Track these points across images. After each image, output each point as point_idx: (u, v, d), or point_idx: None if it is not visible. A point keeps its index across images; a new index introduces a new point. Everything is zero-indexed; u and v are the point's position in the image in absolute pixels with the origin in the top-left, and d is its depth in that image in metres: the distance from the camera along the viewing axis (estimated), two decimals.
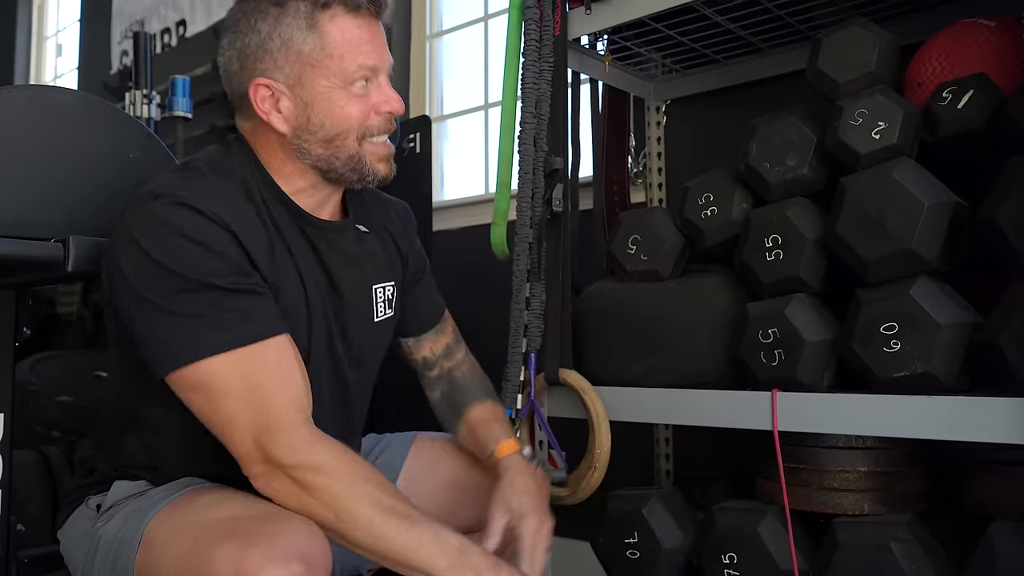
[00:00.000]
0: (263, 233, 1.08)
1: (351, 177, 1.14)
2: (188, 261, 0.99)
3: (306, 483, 0.97)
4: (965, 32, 1.33)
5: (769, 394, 1.26)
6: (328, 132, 1.11)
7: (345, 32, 1.09)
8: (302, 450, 0.98)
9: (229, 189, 1.08)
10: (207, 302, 0.99)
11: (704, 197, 1.45)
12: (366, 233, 1.26)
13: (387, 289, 1.28)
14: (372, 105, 1.12)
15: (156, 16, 3.95)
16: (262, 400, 0.99)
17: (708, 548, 1.33)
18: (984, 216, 1.14)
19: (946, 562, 1.16)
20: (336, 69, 1.09)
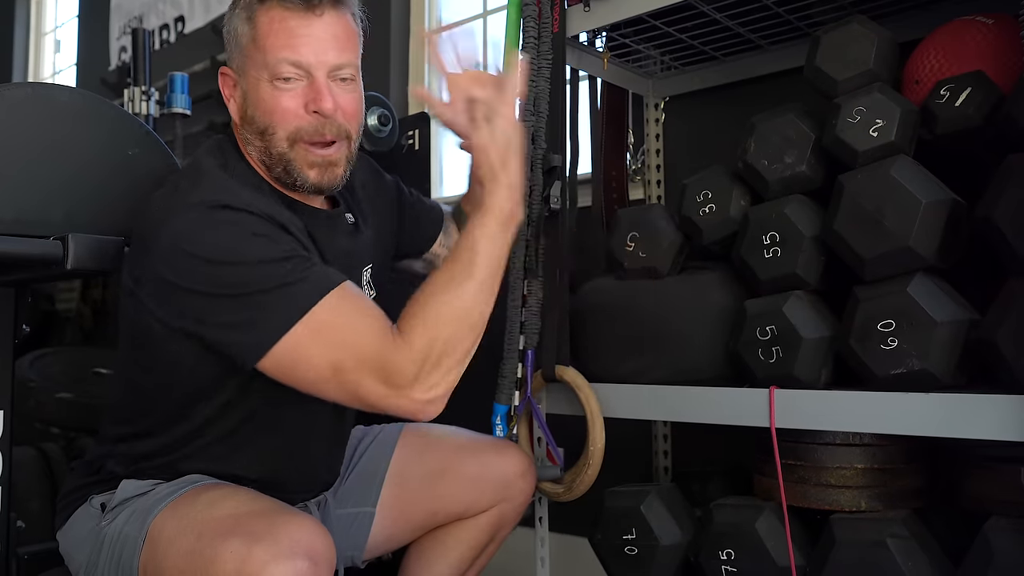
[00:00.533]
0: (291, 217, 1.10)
1: (285, 179, 1.13)
2: (256, 250, 1.01)
3: (437, 358, 1.01)
4: (963, 29, 1.33)
5: (767, 391, 1.26)
6: (259, 124, 1.12)
7: (273, 24, 1.09)
8: (410, 354, 1.00)
9: (247, 187, 1.10)
10: (286, 271, 1.00)
11: (702, 194, 1.45)
12: (353, 223, 1.27)
13: (367, 272, 1.29)
14: (301, 102, 1.10)
15: (154, 12, 3.95)
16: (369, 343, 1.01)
17: (706, 544, 1.33)
18: (981, 213, 1.14)
19: (942, 558, 1.16)
20: (261, 61, 1.10)
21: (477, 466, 1.35)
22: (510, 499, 1.37)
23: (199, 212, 1.02)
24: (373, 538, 1.32)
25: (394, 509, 1.32)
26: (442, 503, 1.33)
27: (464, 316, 1.04)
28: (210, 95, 3.34)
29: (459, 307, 1.03)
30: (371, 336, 1.01)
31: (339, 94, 1.11)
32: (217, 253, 1.00)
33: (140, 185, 1.32)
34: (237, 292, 1.00)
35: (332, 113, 1.10)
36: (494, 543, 1.39)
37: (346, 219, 1.25)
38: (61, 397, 2.39)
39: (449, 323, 1.02)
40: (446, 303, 1.03)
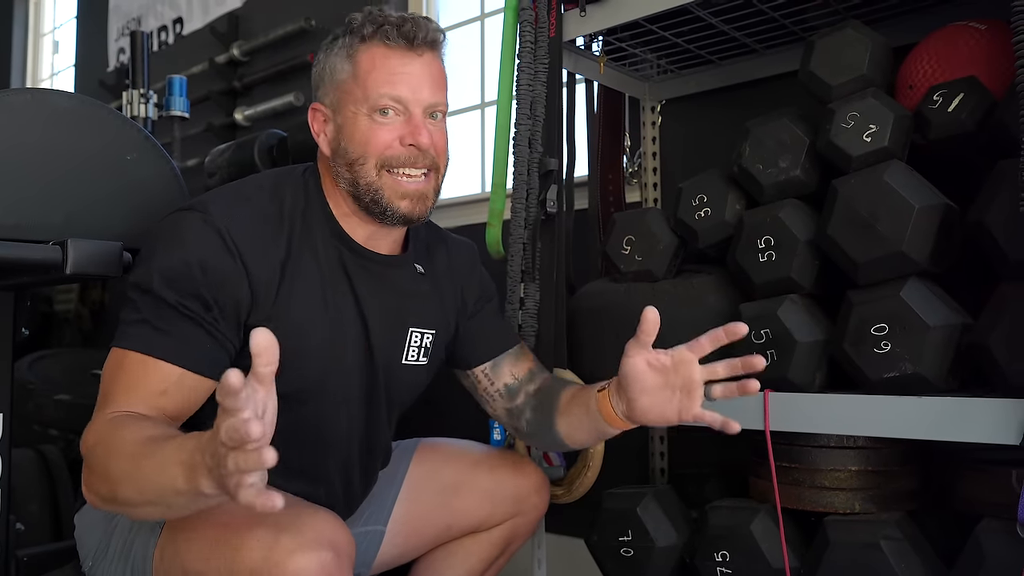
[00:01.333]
0: (278, 263, 1.10)
1: (374, 209, 1.15)
2: (163, 270, 1.04)
3: (90, 463, 0.95)
4: (956, 35, 1.34)
5: (761, 394, 1.27)
6: (350, 156, 1.14)
7: (375, 61, 1.12)
8: (92, 432, 0.96)
9: (267, 213, 1.12)
10: (153, 308, 1.03)
11: (698, 198, 1.46)
12: (422, 275, 1.26)
13: (426, 336, 1.27)
14: (397, 135, 1.12)
15: (153, 13, 3.95)
16: (104, 402, 1.01)
17: (701, 546, 1.34)
18: (974, 218, 1.15)
19: (935, 560, 1.17)
20: (361, 95, 1.12)
21: (492, 481, 1.36)
22: (524, 514, 1.38)
23: (185, 214, 1.08)
24: (383, 555, 1.33)
25: (407, 525, 1.33)
26: (456, 518, 1.34)
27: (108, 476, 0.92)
28: (208, 97, 3.36)
29: (114, 466, 0.91)
30: (118, 396, 1.00)
31: (432, 130, 1.15)
32: (154, 247, 1.06)
33: (138, 190, 1.33)
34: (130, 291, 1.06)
35: (427, 147, 1.13)
36: (504, 556, 1.40)
37: (414, 267, 1.26)
38: (60, 399, 2.40)
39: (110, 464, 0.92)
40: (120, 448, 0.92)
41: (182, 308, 1.03)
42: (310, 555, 0.91)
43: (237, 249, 1.06)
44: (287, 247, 1.11)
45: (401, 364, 1.25)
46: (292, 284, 1.11)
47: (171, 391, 1.02)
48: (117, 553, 1.09)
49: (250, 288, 1.07)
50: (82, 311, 3.49)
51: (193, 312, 1.03)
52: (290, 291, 1.10)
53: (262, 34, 3.23)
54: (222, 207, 1.08)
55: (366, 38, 1.13)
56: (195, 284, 1.03)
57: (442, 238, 1.36)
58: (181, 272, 1.03)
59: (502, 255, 1.60)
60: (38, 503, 1.95)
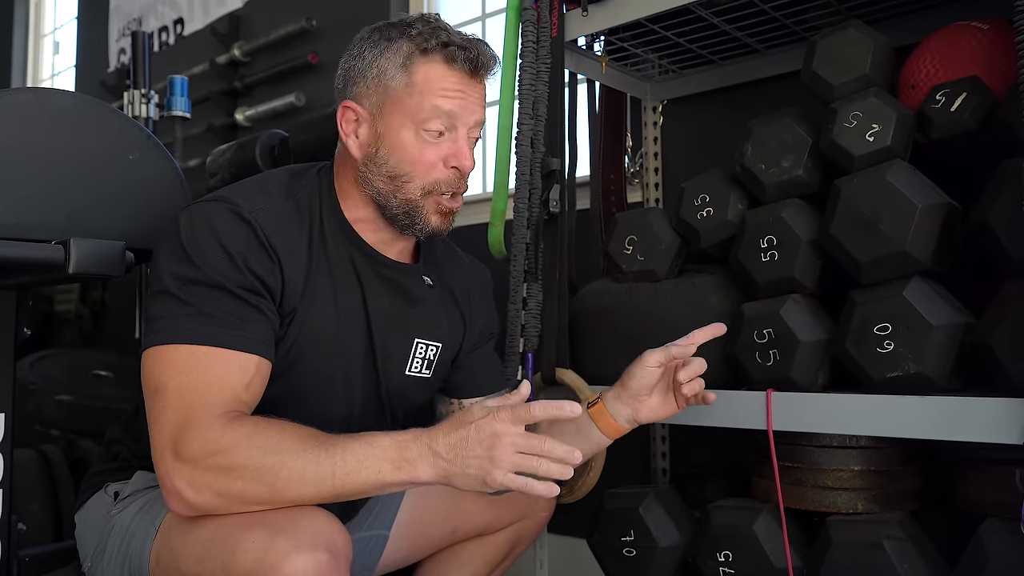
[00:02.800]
0: (304, 259, 1.10)
1: (403, 220, 1.15)
2: (213, 259, 1.02)
3: (225, 467, 0.93)
4: (958, 35, 1.34)
5: (764, 394, 1.27)
6: (392, 169, 1.13)
7: (431, 75, 1.11)
8: (213, 439, 0.94)
9: (290, 211, 1.11)
10: (205, 298, 1.01)
11: (700, 198, 1.46)
12: (431, 287, 1.26)
13: (430, 348, 1.26)
14: (442, 156, 1.12)
15: (154, 14, 3.95)
16: (193, 403, 0.97)
17: (703, 546, 1.34)
18: (977, 218, 1.15)
19: (938, 560, 1.17)
20: (412, 107, 1.11)
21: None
22: (529, 517, 1.37)
23: (213, 204, 1.07)
24: (387, 558, 1.31)
25: (411, 528, 1.32)
26: (462, 522, 1.33)
27: (275, 474, 0.93)
28: (209, 97, 3.36)
29: (281, 464, 0.93)
30: (207, 395, 0.97)
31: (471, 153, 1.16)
32: (186, 238, 1.04)
33: (140, 189, 1.33)
34: (168, 283, 1.02)
35: (469, 171, 1.15)
36: (509, 559, 1.39)
37: (422, 279, 1.25)
38: (61, 399, 2.40)
39: (262, 460, 0.93)
40: (280, 446, 0.94)
41: (238, 294, 1.02)
42: (306, 556, 0.90)
43: (270, 243, 1.06)
44: (308, 244, 1.12)
45: (405, 374, 1.24)
46: (314, 281, 1.11)
47: (254, 382, 1.02)
48: (115, 553, 1.09)
49: (283, 283, 1.07)
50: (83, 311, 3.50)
51: (247, 296, 1.03)
52: (313, 288, 1.11)
53: (263, 34, 3.23)
54: (248, 200, 1.08)
55: (428, 51, 1.10)
56: (240, 272, 1.03)
57: (459, 258, 1.36)
58: (223, 261, 1.02)
59: (504, 255, 1.60)
60: (39, 503, 1.95)
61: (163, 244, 1.07)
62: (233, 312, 1.02)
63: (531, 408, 0.94)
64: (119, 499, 1.13)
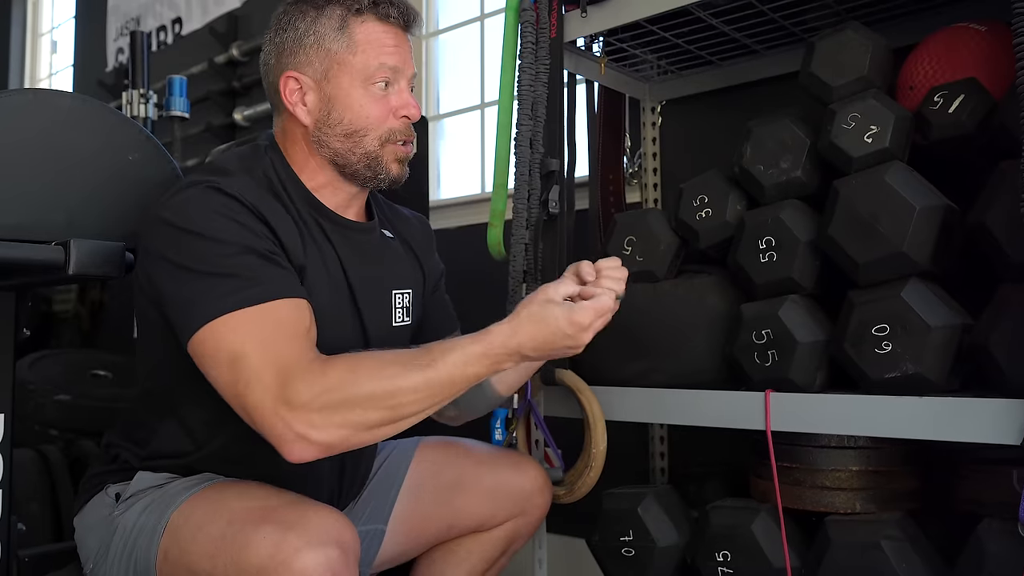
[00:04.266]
0: (292, 224, 1.13)
1: (365, 174, 1.19)
2: (227, 231, 1.04)
3: (340, 402, 0.97)
4: (956, 36, 1.34)
5: (762, 394, 1.27)
6: (347, 127, 1.17)
7: (371, 35, 1.17)
8: (318, 381, 0.97)
9: (256, 185, 1.13)
10: (243, 264, 1.03)
11: (699, 199, 1.46)
12: (391, 239, 1.31)
13: (405, 296, 1.31)
14: (391, 108, 1.18)
15: (152, 13, 3.95)
16: (280, 355, 0.99)
17: (702, 546, 1.35)
18: (975, 219, 1.16)
19: (936, 560, 1.17)
20: (359, 66, 1.16)
21: (494, 480, 1.36)
22: (526, 514, 1.38)
23: (193, 190, 1.08)
24: (384, 553, 1.33)
25: (408, 523, 1.33)
26: (458, 517, 1.34)
27: (390, 394, 0.99)
28: (208, 97, 3.36)
29: (391, 384, 0.99)
30: (290, 344, 1.00)
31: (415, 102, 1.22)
32: (189, 223, 1.04)
33: (140, 190, 1.33)
34: (193, 266, 1.02)
35: (417, 118, 1.20)
36: (505, 556, 1.40)
37: (382, 233, 1.30)
38: (60, 399, 2.39)
39: (373, 386, 0.99)
40: (383, 371, 1.00)
41: (262, 252, 1.04)
42: (317, 552, 0.91)
43: (260, 213, 1.08)
44: (287, 214, 1.14)
45: (392, 327, 1.28)
46: (303, 249, 1.13)
47: (311, 324, 1.06)
48: (119, 554, 1.09)
49: (282, 245, 1.09)
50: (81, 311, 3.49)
51: (269, 253, 1.05)
52: (304, 255, 1.13)
53: (261, 34, 3.23)
54: (222, 181, 1.08)
55: (360, 11, 1.17)
56: (253, 234, 1.05)
57: (401, 212, 1.41)
58: (238, 228, 1.04)
59: (504, 256, 1.60)
60: (38, 503, 1.95)
61: (158, 240, 1.06)
62: (267, 268, 1.04)
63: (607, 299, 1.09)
64: (121, 500, 1.13)
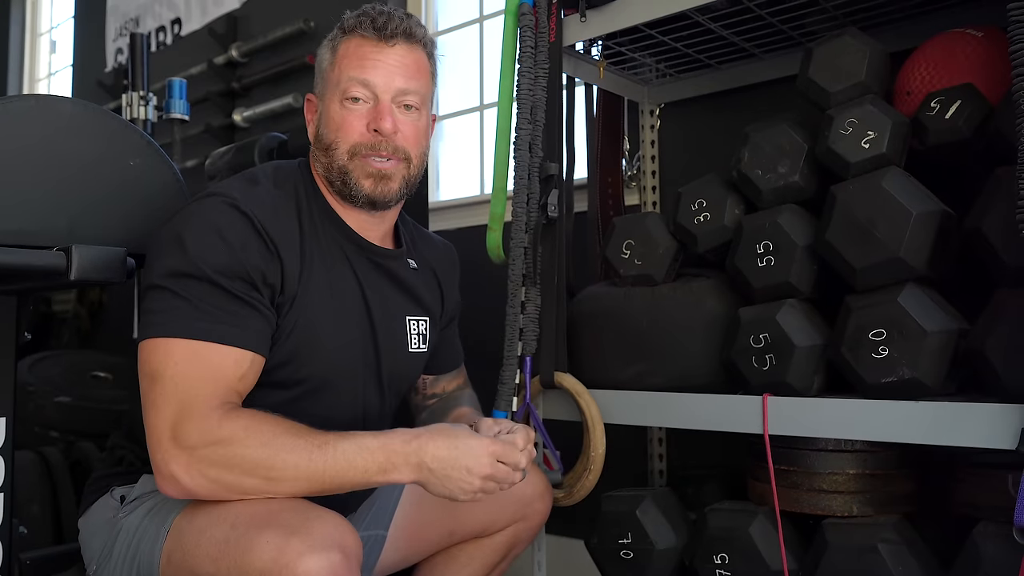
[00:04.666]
0: (298, 247, 1.13)
1: (342, 191, 1.19)
2: (207, 252, 1.04)
3: (221, 458, 0.97)
4: (953, 42, 1.35)
5: (760, 398, 1.28)
6: (325, 140, 1.19)
7: (348, 49, 1.18)
8: (211, 429, 0.98)
9: (280, 199, 1.15)
10: (201, 293, 1.04)
11: (697, 203, 1.47)
12: (415, 270, 1.31)
13: (421, 323, 1.32)
14: (364, 121, 1.16)
15: (151, 14, 3.95)
16: (190, 393, 1.00)
17: (700, 548, 1.35)
18: (971, 225, 1.16)
19: (932, 563, 1.18)
20: (334, 80, 1.18)
21: None
22: (527, 519, 1.38)
23: (210, 200, 1.09)
24: (385, 559, 1.33)
25: (409, 529, 1.33)
26: (459, 523, 1.34)
27: (271, 466, 0.98)
28: (207, 98, 3.36)
29: (276, 457, 0.98)
30: (206, 386, 1.00)
31: (401, 119, 1.18)
32: (184, 235, 1.06)
33: (141, 195, 1.33)
34: (164, 279, 1.04)
35: (390, 133, 1.16)
36: (506, 561, 1.40)
37: (407, 262, 1.30)
38: (60, 401, 2.40)
39: (258, 453, 0.97)
40: (274, 440, 0.98)
41: (234, 291, 1.04)
42: (320, 556, 0.92)
43: (268, 234, 1.09)
44: (300, 235, 1.15)
45: (408, 352, 1.29)
46: (310, 271, 1.14)
47: (247, 375, 1.06)
48: (122, 556, 1.09)
49: (281, 272, 1.10)
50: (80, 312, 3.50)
51: (243, 292, 1.05)
52: (308, 278, 1.14)
53: (260, 35, 3.24)
54: (242, 194, 1.10)
55: (347, 30, 1.19)
56: (240, 265, 1.05)
57: (430, 238, 1.42)
58: (223, 254, 1.04)
59: (503, 259, 1.61)
60: (39, 506, 1.96)
61: (159, 240, 1.08)
62: (229, 308, 1.04)
63: (516, 446, 1.09)
64: (125, 503, 1.14)
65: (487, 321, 1.68)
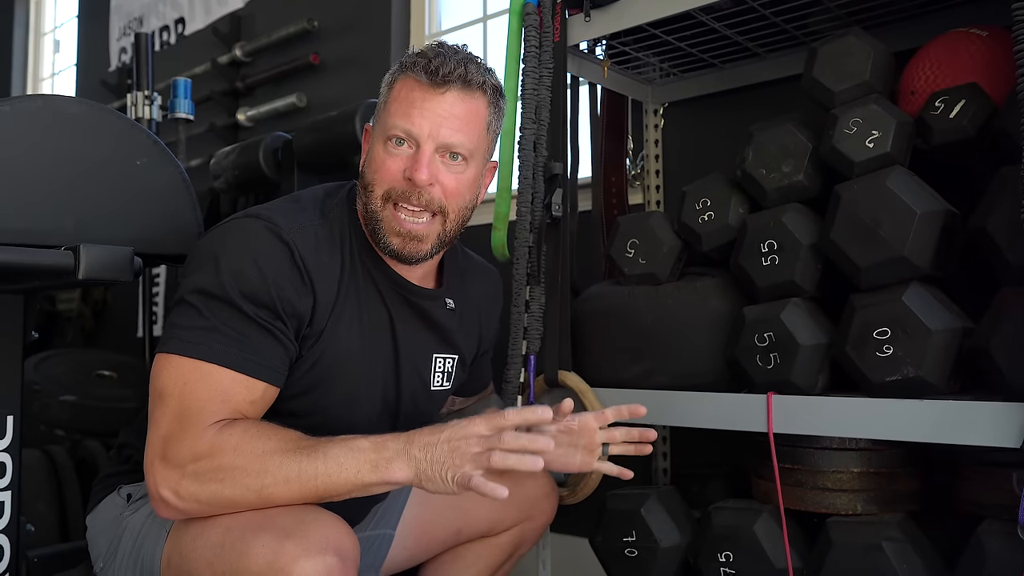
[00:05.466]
0: (335, 281, 1.11)
1: (374, 237, 1.15)
2: (236, 277, 1.03)
3: (209, 472, 0.96)
4: (957, 41, 1.35)
5: (764, 396, 1.28)
6: (366, 179, 1.15)
7: (402, 92, 1.12)
8: (201, 445, 0.97)
9: (324, 230, 1.12)
10: (225, 316, 1.02)
11: (701, 202, 1.47)
12: (452, 310, 1.27)
13: (448, 361, 1.29)
14: (403, 167, 1.11)
15: (155, 13, 3.96)
16: (191, 413, 0.99)
17: (705, 547, 1.36)
18: (975, 224, 1.17)
19: (937, 561, 1.18)
20: (382, 121, 1.14)
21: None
22: (532, 519, 1.38)
23: (251, 222, 1.08)
24: (392, 558, 1.33)
25: (416, 529, 1.34)
26: (466, 522, 1.34)
27: (268, 482, 0.96)
28: (211, 97, 3.37)
29: (275, 472, 0.96)
30: (206, 408, 0.99)
31: (442, 171, 1.12)
32: (220, 252, 1.05)
33: (148, 195, 1.34)
34: (191, 294, 1.04)
35: (424, 184, 1.10)
36: (511, 561, 1.40)
37: (444, 302, 1.26)
38: (65, 400, 2.41)
39: (254, 468, 0.96)
40: (274, 457, 0.97)
41: (258, 319, 1.03)
42: (315, 560, 0.91)
43: (305, 266, 1.07)
44: (340, 266, 1.12)
45: (430, 392, 1.27)
46: (344, 306, 1.12)
47: (258, 402, 1.05)
48: (127, 555, 1.10)
49: (313, 306, 1.08)
50: (84, 311, 3.51)
51: (266, 321, 1.04)
52: (340, 313, 1.12)
53: (264, 35, 3.24)
54: (287, 221, 1.08)
55: (405, 68, 1.12)
56: (268, 294, 1.03)
57: (474, 268, 1.37)
58: (255, 281, 1.03)
59: (507, 258, 1.61)
60: (45, 504, 1.96)
61: (197, 254, 1.07)
62: (250, 336, 1.03)
63: (504, 413, 0.98)
64: (132, 501, 1.14)
65: None
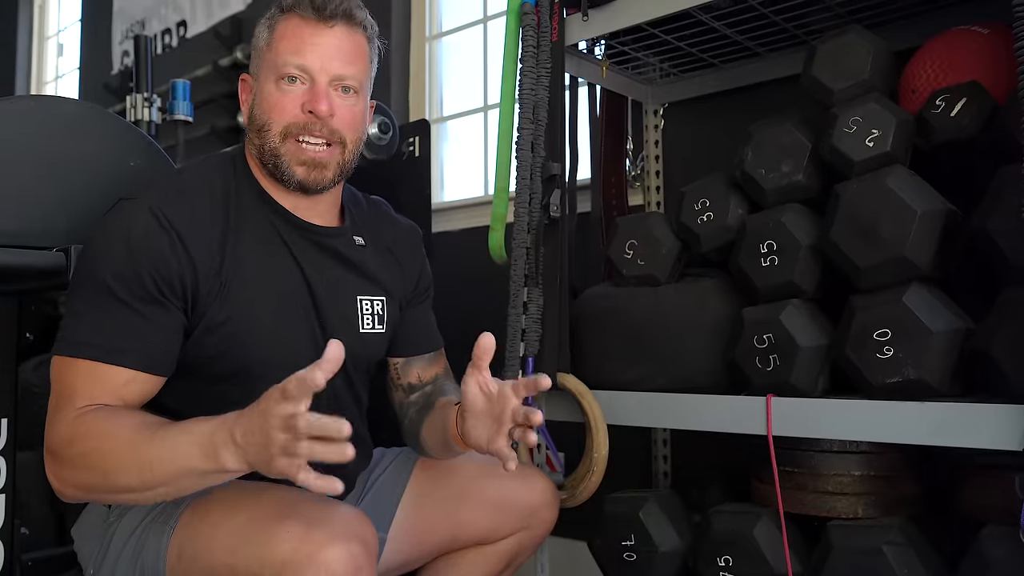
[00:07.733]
0: (220, 242, 1.11)
1: (275, 174, 1.16)
2: (108, 260, 1.04)
3: (75, 458, 0.98)
4: (959, 39, 1.34)
5: (764, 399, 1.27)
6: (258, 121, 1.16)
7: (288, 31, 1.15)
8: (63, 430, 0.99)
9: (199, 190, 1.13)
10: (97, 305, 1.04)
11: (700, 203, 1.46)
12: (362, 246, 1.27)
13: (375, 303, 1.28)
14: (299, 102, 1.13)
15: (157, 16, 3.96)
16: (65, 400, 1.02)
17: (704, 550, 1.34)
18: (977, 224, 1.15)
19: (938, 565, 1.17)
20: (270, 61, 1.15)
21: (500, 493, 1.32)
22: (531, 528, 1.34)
23: (126, 203, 1.09)
24: (386, 562, 1.30)
25: (410, 533, 1.31)
26: (461, 528, 1.31)
27: (112, 466, 0.96)
28: (212, 99, 3.37)
29: (117, 456, 0.96)
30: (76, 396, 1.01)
31: (338, 103, 1.15)
32: (98, 242, 1.07)
33: None
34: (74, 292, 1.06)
35: (325, 115, 1.13)
36: (509, 570, 1.36)
37: (352, 240, 1.26)
38: None
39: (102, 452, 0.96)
40: (119, 441, 0.96)
41: (129, 301, 1.04)
42: (341, 547, 0.92)
43: (172, 227, 1.06)
44: (223, 224, 1.12)
45: (360, 333, 1.24)
46: (235, 261, 1.11)
47: (133, 385, 1.05)
48: (123, 557, 1.09)
49: (192, 267, 1.07)
50: None
51: (140, 305, 1.04)
52: (234, 268, 1.11)
53: None
54: (156, 191, 1.10)
55: (285, 9, 1.16)
56: (138, 270, 1.03)
57: (387, 217, 1.37)
58: (123, 259, 1.04)
59: (505, 260, 1.60)
60: (40, 507, 1.95)
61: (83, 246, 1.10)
62: (121, 322, 1.03)
63: (294, 376, 0.84)
64: (114, 508, 1.13)
65: (491, 320, 1.67)
